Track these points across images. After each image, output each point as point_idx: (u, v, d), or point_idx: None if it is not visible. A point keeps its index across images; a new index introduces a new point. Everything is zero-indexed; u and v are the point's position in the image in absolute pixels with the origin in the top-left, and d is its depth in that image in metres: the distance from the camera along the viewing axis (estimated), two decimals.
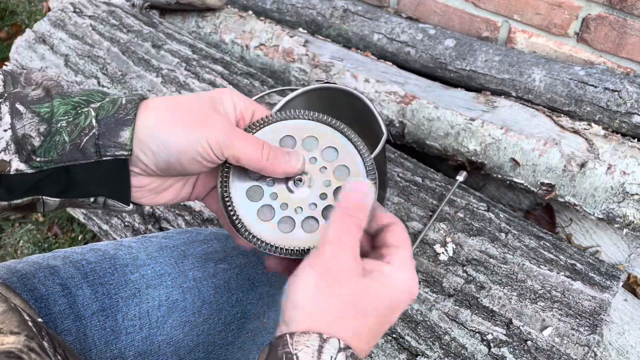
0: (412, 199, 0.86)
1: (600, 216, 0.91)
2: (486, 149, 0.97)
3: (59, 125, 0.41)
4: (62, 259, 0.56)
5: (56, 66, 1.06)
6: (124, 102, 0.42)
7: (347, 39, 1.26)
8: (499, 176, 0.99)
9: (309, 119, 0.47)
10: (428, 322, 0.75)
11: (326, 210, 0.45)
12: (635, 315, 0.81)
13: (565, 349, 0.70)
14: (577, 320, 0.71)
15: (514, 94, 1.08)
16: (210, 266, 0.60)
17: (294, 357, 0.34)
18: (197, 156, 0.42)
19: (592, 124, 0.97)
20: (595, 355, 0.78)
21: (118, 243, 0.62)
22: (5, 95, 0.42)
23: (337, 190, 0.46)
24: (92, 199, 0.44)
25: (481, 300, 0.74)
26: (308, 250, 0.43)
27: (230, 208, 0.45)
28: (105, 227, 1.02)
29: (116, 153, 0.41)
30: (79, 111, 0.41)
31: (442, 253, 0.79)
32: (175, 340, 0.55)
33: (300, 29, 1.27)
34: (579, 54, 1.09)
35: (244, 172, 0.46)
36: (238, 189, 0.45)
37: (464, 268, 0.77)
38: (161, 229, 0.94)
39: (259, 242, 0.44)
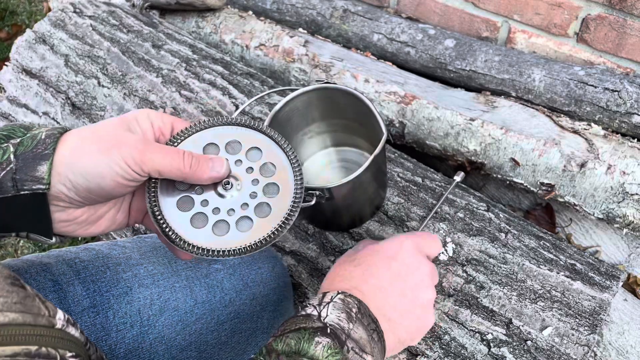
0: (412, 199, 0.86)
1: (600, 216, 0.91)
2: (486, 149, 0.97)
3: None
4: (55, 257, 0.57)
5: (56, 66, 1.07)
6: (43, 137, 0.42)
7: (347, 39, 1.26)
8: (499, 176, 0.99)
9: (229, 124, 0.48)
10: None
11: (258, 208, 0.46)
12: (635, 315, 0.81)
13: (565, 348, 0.70)
14: (577, 320, 0.71)
15: (513, 94, 1.08)
16: (204, 266, 0.61)
17: (306, 303, 0.43)
18: (117, 177, 0.42)
19: (592, 124, 0.97)
20: (595, 355, 0.78)
21: (113, 243, 0.62)
22: None
23: (266, 187, 0.47)
24: (13, 234, 0.44)
25: (481, 300, 0.74)
26: (246, 248, 0.45)
27: (162, 222, 0.45)
28: None
29: (33, 187, 0.41)
30: None
31: (442, 253, 0.79)
32: (167, 339, 0.56)
33: (300, 29, 1.27)
34: (579, 54, 1.09)
35: (172, 184, 0.46)
36: (168, 202, 0.46)
37: (464, 268, 0.77)
38: None
39: (196, 250, 0.45)
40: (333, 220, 0.83)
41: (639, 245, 0.99)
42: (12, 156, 0.41)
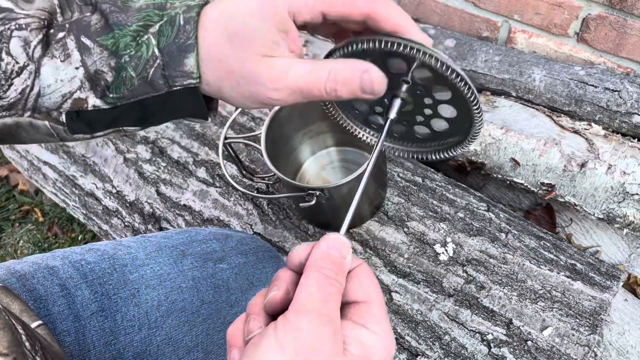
0: (412, 199, 0.86)
1: (601, 216, 0.91)
2: (486, 149, 0.97)
3: (122, 60, 0.38)
4: (61, 259, 0.56)
5: None
6: (181, 22, 0.38)
7: None
8: (499, 176, 0.99)
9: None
10: (428, 322, 0.74)
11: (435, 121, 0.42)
12: (635, 315, 0.81)
13: (565, 349, 0.70)
14: (577, 320, 0.71)
15: (514, 94, 1.08)
16: (209, 266, 0.60)
17: None
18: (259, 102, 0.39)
19: (592, 124, 0.96)
20: (595, 355, 0.78)
21: (117, 243, 0.62)
22: (67, 26, 0.39)
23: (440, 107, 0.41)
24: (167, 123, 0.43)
25: (481, 300, 0.74)
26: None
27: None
28: (105, 227, 1.02)
29: (184, 82, 0.38)
30: (139, 41, 0.38)
31: (442, 253, 0.79)
32: (174, 340, 0.55)
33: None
34: (579, 54, 1.09)
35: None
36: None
37: (464, 268, 0.77)
38: (161, 229, 0.94)
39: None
40: (333, 220, 0.83)
41: (639, 245, 0.99)
42: (156, 50, 0.38)
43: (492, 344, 0.71)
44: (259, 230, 0.87)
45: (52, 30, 0.39)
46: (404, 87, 0.40)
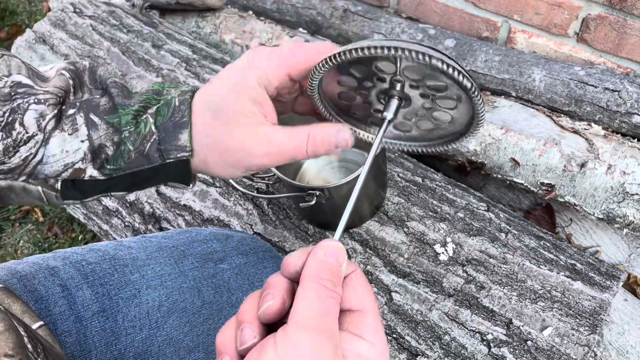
0: (412, 199, 0.86)
1: (600, 216, 0.91)
2: (486, 149, 0.97)
3: (123, 135, 0.43)
4: (62, 260, 0.56)
5: None
6: (177, 103, 0.43)
7: (347, 39, 1.26)
8: (499, 176, 0.99)
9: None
10: (428, 322, 0.75)
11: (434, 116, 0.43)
12: (635, 315, 0.81)
13: (565, 349, 0.70)
14: (577, 320, 0.71)
15: (514, 94, 1.08)
16: (210, 266, 0.60)
17: None
18: (244, 170, 0.43)
19: (592, 124, 0.97)
20: (595, 355, 0.78)
21: (118, 243, 0.62)
22: (78, 104, 0.43)
23: (440, 100, 0.41)
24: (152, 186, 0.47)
25: (481, 300, 0.74)
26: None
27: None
28: (105, 227, 1.02)
29: (178, 155, 0.43)
30: (139, 120, 0.43)
31: (442, 253, 0.79)
32: (175, 340, 0.55)
33: (301, 29, 1.26)
34: (579, 54, 1.09)
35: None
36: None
37: (464, 268, 0.77)
38: (161, 229, 0.94)
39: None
40: (333, 220, 0.83)
41: (639, 245, 0.99)
42: (153, 127, 0.43)
43: (492, 344, 0.71)
44: (259, 230, 0.87)
45: (64, 107, 0.43)
46: (398, 86, 0.40)
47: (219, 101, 0.41)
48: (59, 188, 0.44)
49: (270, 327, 0.32)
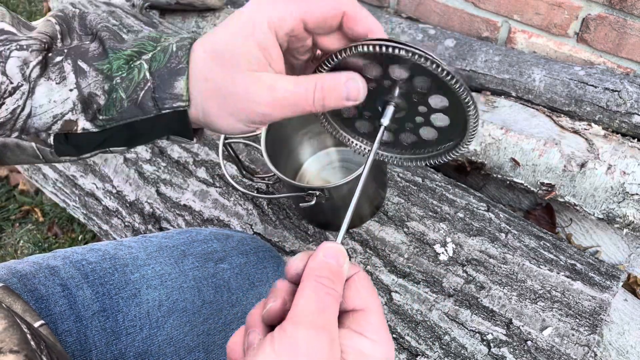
0: (412, 199, 0.86)
1: (600, 216, 0.91)
2: (486, 149, 0.97)
3: (114, 82, 0.40)
4: (62, 259, 0.56)
5: None
6: (174, 49, 0.40)
7: None
8: (499, 176, 0.99)
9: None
10: (428, 322, 0.75)
11: (425, 130, 0.42)
12: (635, 315, 0.81)
13: (565, 349, 0.70)
14: (577, 320, 0.71)
15: (514, 94, 1.08)
16: (210, 266, 0.60)
17: None
18: (241, 127, 0.40)
19: (592, 124, 0.97)
20: (595, 355, 0.78)
21: (118, 243, 0.62)
22: (65, 51, 0.40)
23: (434, 116, 0.41)
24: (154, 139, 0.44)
25: (481, 300, 0.74)
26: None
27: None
28: (105, 227, 1.02)
29: (174, 105, 0.40)
30: (132, 65, 0.40)
31: (442, 253, 0.79)
32: (176, 340, 0.55)
33: None
34: (579, 54, 1.09)
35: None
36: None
37: (464, 268, 0.77)
38: (161, 229, 0.94)
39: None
40: (333, 220, 0.83)
41: (639, 245, 0.99)
42: (147, 74, 0.39)
43: (492, 344, 0.71)
44: (259, 230, 0.87)
45: (50, 54, 0.40)
46: (396, 92, 0.40)
47: (222, 45, 0.38)
48: (52, 143, 0.41)
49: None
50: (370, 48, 0.36)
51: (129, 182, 0.99)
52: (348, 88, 0.38)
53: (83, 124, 0.40)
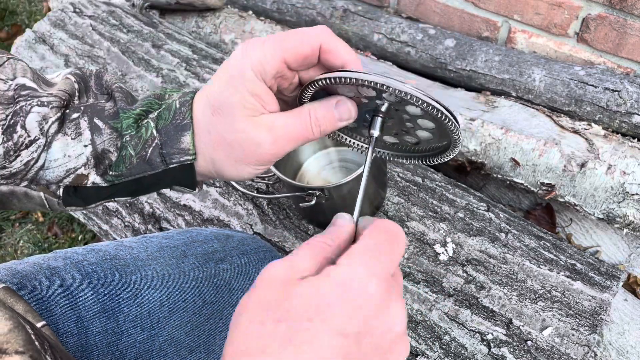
0: (412, 199, 0.86)
1: (600, 216, 0.92)
2: (486, 149, 0.97)
3: (124, 139, 0.42)
4: (62, 260, 0.56)
5: (56, 66, 1.06)
6: (178, 105, 0.42)
7: (347, 39, 1.26)
8: (499, 176, 0.99)
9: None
10: (428, 322, 0.75)
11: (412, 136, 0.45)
12: (635, 315, 0.81)
13: (565, 349, 0.70)
14: (577, 320, 0.71)
15: (514, 94, 1.08)
16: (211, 266, 0.60)
17: None
18: (249, 170, 0.42)
19: (592, 124, 0.97)
20: (595, 355, 0.78)
21: (118, 243, 0.62)
22: (82, 108, 0.43)
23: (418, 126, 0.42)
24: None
25: (481, 300, 0.74)
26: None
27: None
28: (105, 227, 1.02)
29: (181, 159, 0.42)
30: (140, 124, 0.42)
31: (442, 253, 0.79)
32: (177, 340, 0.55)
33: None
34: (579, 54, 1.09)
35: None
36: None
37: (464, 268, 0.77)
38: (161, 229, 0.94)
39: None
40: None
41: (639, 245, 0.99)
42: (154, 131, 0.42)
43: (492, 344, 0.71)
44: (259, 230, 0.88)
45: (67, 110, 0.43)
46: (384, 106, 0.41)
47: (218, 97, 0.40)
48: (61, 194, 0.43)
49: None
50: (332, 81, 0.38)
51: None
52: (339, 110, 0.41)
53: (93, 178, 0.43)
